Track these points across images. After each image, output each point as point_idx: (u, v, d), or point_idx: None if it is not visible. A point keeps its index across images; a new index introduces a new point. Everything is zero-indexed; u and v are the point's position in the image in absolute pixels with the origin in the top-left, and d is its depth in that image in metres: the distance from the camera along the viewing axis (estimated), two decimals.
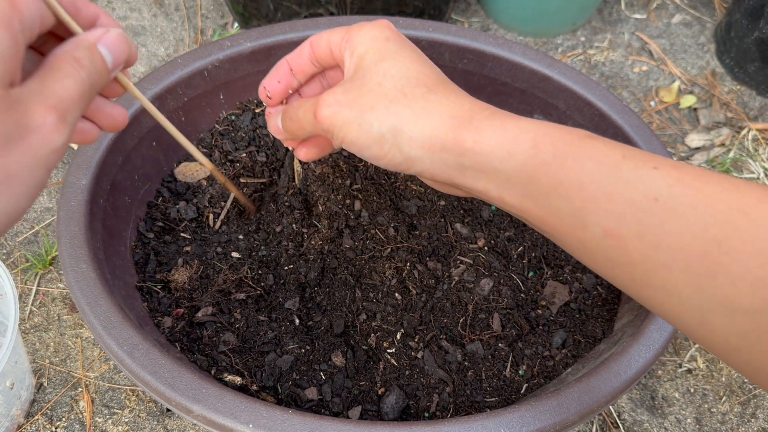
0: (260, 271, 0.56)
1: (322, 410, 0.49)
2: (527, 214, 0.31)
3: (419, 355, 0.52)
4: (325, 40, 0.39)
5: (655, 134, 0.59)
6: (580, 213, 0.28)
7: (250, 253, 0.57)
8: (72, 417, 0.62)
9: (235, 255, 0.57)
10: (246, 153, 0.63)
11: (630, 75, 1.01)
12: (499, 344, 0.53)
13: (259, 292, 0.54)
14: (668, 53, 1.04)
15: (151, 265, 0.56)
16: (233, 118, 0.66)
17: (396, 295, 0.55)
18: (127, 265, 0.55)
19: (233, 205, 0.60)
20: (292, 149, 0.45)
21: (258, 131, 0.65)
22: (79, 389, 0.64)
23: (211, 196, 0.61)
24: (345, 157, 0.61)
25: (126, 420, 0.62)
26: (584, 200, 0.28)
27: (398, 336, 0.53)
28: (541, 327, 0.54)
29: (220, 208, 0.60)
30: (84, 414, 0.63)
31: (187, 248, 0.58)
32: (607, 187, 0.27)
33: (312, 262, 0.56)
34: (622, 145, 0.29)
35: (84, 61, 0.29)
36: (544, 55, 0.64)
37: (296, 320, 0.53)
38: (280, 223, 0.58)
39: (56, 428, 0.62)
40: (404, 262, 0.56)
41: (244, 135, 0.65)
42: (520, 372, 0.52)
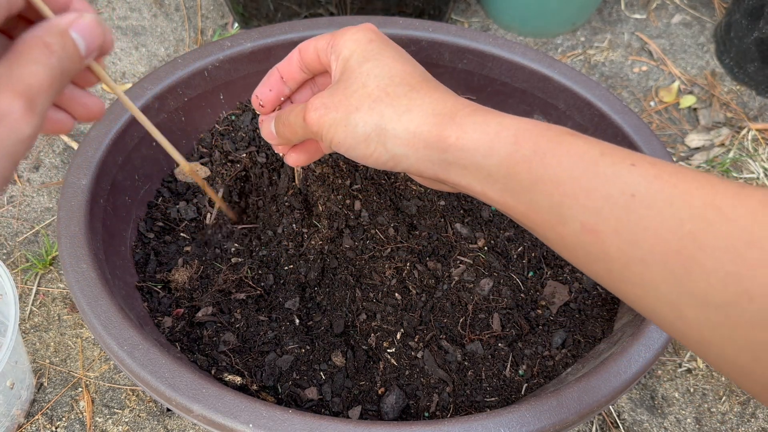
0: (260, 271, 0.56)
1: (322, 410, 0.49)
2: (509, 209, 0.32)
3: (419, 355, 0.52)
4: (312, 46, 0.40)
5: (654, 134, 0.59)
6: (559, 208, 0.28)
7: (250, 253, 0.57)
8: (72, 417, 0.63)
9: (234, 254, 0.57)
10: (246, 153, 0.63)
11: (630, 75, 1.01)
12: (499, 344, 0.53)
13: (259, 292, 0.54)
14: (668, 53, 1.04)
15: (152, 265, 0.56)
16: (233, 118, 0.66)
17: (396, 295, 0.55)
18: (128, 265, 0.55)
19: (233, 207, 0.60)
20: (282, 155, 0.46)
21: (258, 131, 0.65)
22: (80, 389, 0.64)
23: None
24: (345, 157, 0.61)
25: (126, 420, 0.62)
26: (563, 196, 0.28)
27: (398, 336, 0.53)
28: (541, 327, 0.54)
29: (219, 211, 0.60)
30: (84, 414, 0.63)
31: (188, 248, 0.58)
32: (585, 183, 0.27)
33: (312, 262, 0.56)
34: (601, 142, 0.29)
35: (55, 46, 0.27)
36: (544, 55, 0.64)
37: (296, 320, 0.53)
38: (280, 223, 0.58)
39: (56, 428, 0.62)
40: (404, 262, 0.56)
41: (244, 135, 0.65)
42: (520, 372, 0.52)
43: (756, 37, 0.94)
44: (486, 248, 0.59)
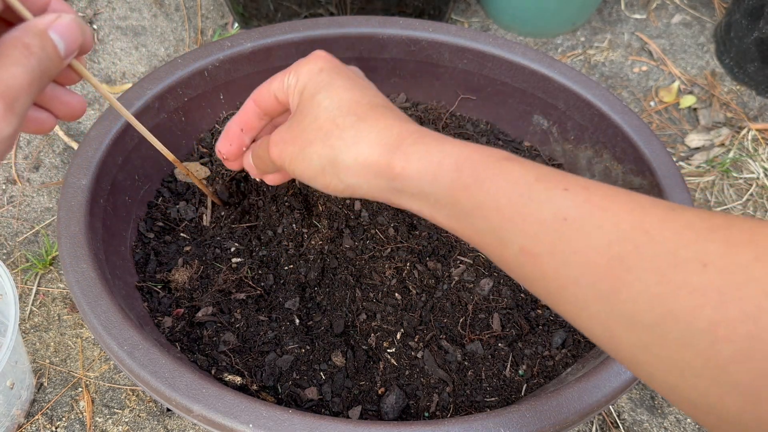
0: (260, 271, 0.56)
1: (322, 410, 0.49)
2: (457, 233, 0.33)
3: (419, 355, 0.52)
4: (266, 91, 0.42)
5: (654, 134, 0.59)
6: (499, 232, 0.29)
7: (250, 253, 0.57)
8: (72, 417, 0.63)
9: (234, 254, 0.57)
10: None
11: (630, 75, 1.01)
12: (499, 344, 0.53)
13: (259, 292, 0.54)
14: (668, 53, 1.04)
15: (152, 264, 0.56)
16: None
17: (396, 295, 0.55)
18: (128, 265, 0.55)
19: (232, 207, 0.60)
20: (259, 180, 0.48)
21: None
22: (80, 389, 0.64)
23: None
24: None
25: (126, 420, 0.62)
26: (502, 220, 0.29)
27: (398, 336, 0.53)
28: (540, 327, 0.54)
29: (217, 209, 0.60)
30: (84, 414, 0.63)
31: (188, 248, 0.58)
32: (521, 208, 0.28)
33: (312, 262, 0.56)
34: (538, 167, 0.30)
35: (34, 47, 0.27)
36: (543, 56, 0.64)
37: (296, 320, 0.53)
38: (280, 223, 0.58)
39: (56, 428, 0.62)
40: (404, 262, 0.56)
41: None
42: (520, 372, 0.52)
43: (756, 37, 0.94)
44: None
